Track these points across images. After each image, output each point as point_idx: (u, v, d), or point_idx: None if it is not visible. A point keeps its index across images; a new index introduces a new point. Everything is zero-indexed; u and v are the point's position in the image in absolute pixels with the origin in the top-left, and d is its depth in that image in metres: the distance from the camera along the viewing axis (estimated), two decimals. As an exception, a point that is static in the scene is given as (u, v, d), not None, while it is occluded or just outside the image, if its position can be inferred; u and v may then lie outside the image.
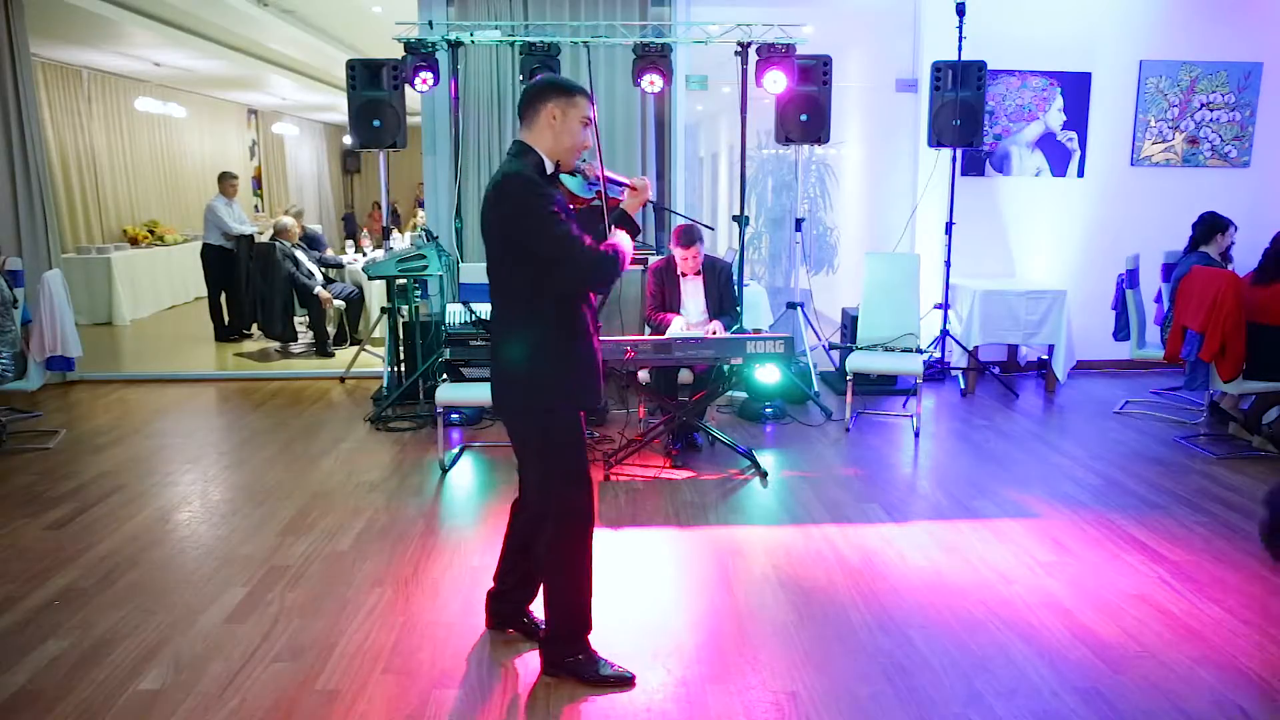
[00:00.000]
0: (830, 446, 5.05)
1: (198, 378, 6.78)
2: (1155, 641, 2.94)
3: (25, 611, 3.14)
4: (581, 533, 2.65)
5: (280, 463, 4.76)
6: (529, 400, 2.59)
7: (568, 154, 2.57)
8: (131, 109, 10.75)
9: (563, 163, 2.59)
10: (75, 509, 4.09)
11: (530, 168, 2.52)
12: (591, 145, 2.60)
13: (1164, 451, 4.95)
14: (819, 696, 2.63)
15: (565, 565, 2.66)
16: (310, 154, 16.37)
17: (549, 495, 2.64)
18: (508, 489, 4.36)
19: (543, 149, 2.55)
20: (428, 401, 5.48)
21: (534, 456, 2.67)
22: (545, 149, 2.55)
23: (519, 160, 2.53)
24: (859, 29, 6.65)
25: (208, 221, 8.22)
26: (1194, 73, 6.60)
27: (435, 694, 2.64)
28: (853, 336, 5.89)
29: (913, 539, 3.76)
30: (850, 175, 7.73)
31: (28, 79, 6.16)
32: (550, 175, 2.58)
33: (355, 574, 3.43)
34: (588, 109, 2.55)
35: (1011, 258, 6.77)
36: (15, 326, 4.96)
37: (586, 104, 2.55)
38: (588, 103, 2.56)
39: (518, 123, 2.62)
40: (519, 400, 2.62)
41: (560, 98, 2.52)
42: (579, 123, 2.54)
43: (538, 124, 2.54)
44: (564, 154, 2.57)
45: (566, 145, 2.55)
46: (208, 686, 2.68)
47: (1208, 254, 5.21)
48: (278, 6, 8.10)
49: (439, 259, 5.51)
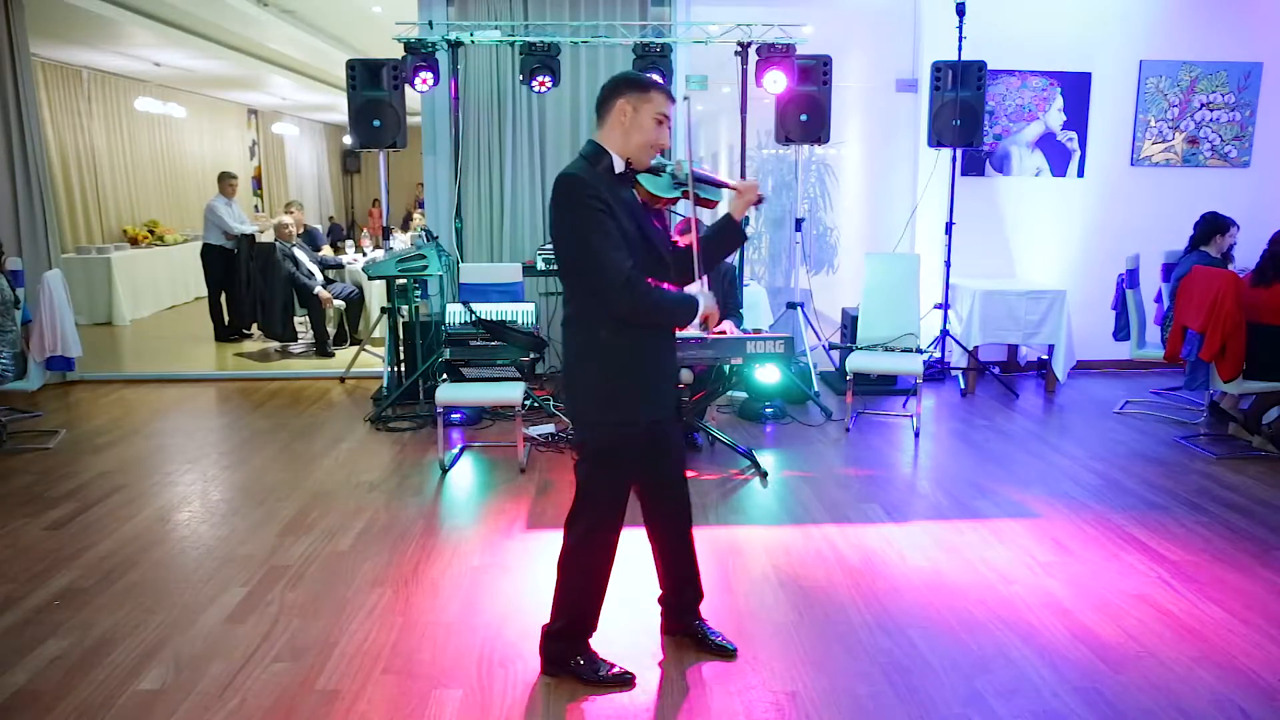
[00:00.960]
0: (830, 446, 5.05)
1: (198, 378, 6.78)
2: (1155, 641, 2.94)
3: (25, 611, 3.14)
4: (604, 541, 2.64)
5: (280, 463, 4.76)
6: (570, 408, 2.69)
7: (639, 151, 2.47)
8: (131, 109, 10.75)
9: (635, 161, 2.48)
10: (75, 509, 4.09)
11: (588, 168, 2.45)
12: (668, 144, 2.48)
13: (1164, 451, 4.95)
14: (819, 696, 2.63)
15: (583, 567, 2.66)
16: (310, 154, 16.37)
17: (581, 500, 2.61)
18: (508, 489, 4.36)
19: (613, 147, 2.48)
20: (428, 401, 5.48)
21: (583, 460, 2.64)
22: (616, 147, 2.47)
23: (581, 160, 2.49)
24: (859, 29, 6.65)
25: (208, 221, 8.22)
26: (1194, 73, 6.60)
27: (435, 694, 2.64)
28: (853, 336, 5.89)
29: (913, 539, 3.76)
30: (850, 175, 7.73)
31: (28, 79, 6.16)
32: (621, 175, 2.49)
33: (355, 574, 3.43)
34: (664, 105, 2.45)
35: (1011, 258, 6.77)
36: (16, 326, 4.96)
37: (663, 99, 2.45)
38: (664, 98, 2.45)
39: (517, 123, 2.61)
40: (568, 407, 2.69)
41: (633, 92, 2.44)
42: (652, 119, 2.44)
43: (609, 120, 2.48)
44: (635, 151, 2.47)
45: (637, 142, 2.46)
46: (208, 686, 2.68)
47: (1207, 253, 5.21)
48: (278, 6, 8.10)
49: (439, 259, 5.51)
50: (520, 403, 4.58)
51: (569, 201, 2.40)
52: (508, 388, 4.65)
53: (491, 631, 3.00)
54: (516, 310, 4.88)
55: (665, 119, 2.45)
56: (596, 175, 2.46)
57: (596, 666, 2.70)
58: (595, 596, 2.70)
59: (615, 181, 2.49)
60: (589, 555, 2.65)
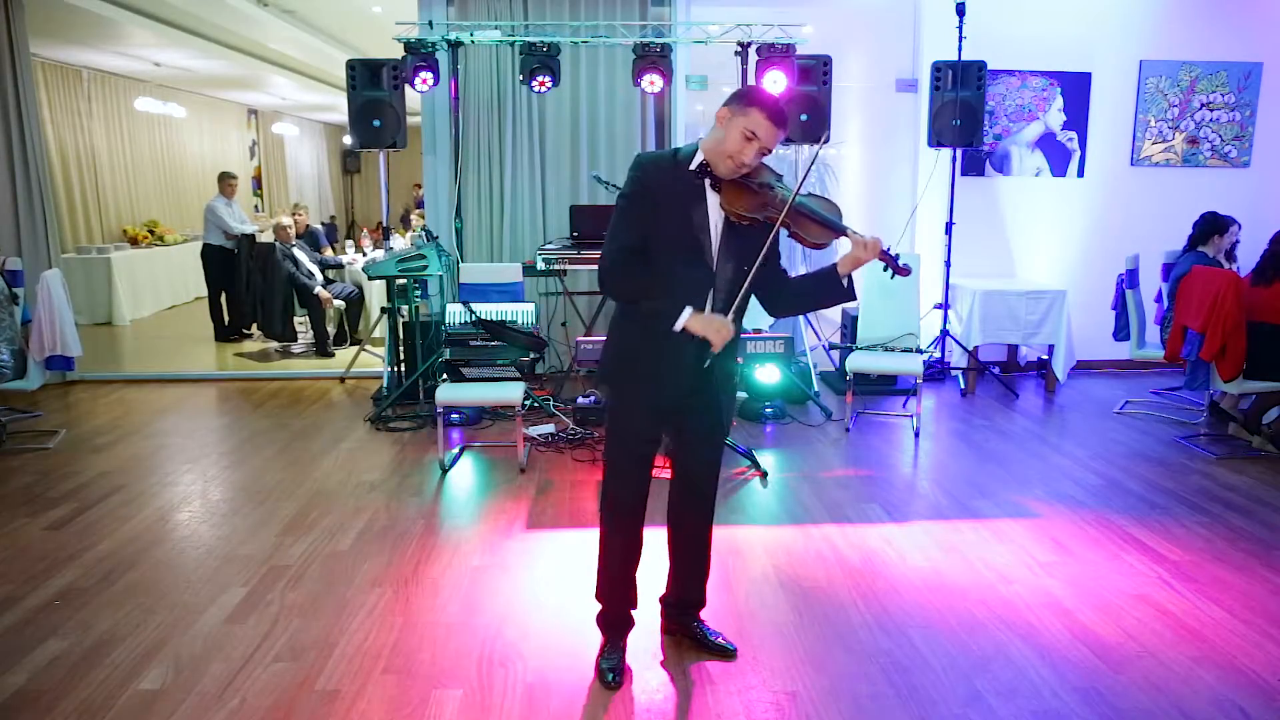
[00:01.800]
0: (830, 446, 5.05)
1: (198, 378, 6.78)
2: (1155, 641, 2.94)
3: (25, 611, 3.14)
4: (605, 520, 2.75)
5: (280, 463, 4.76)
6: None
7: (720, 158, 2.45)
8: (131, 109, 10.75)
9: (714, 166, 2.46)
10: (75, 509, 4.09)
11: (667, 155, 2.54)
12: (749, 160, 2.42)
13: (1164, 451, 4.95)
14: (819, 696, 2.63)
15: (603, 548, 2.78)
16: (310, 154, 16.37)
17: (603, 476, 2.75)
18: (508, 489, 4.36)
19: (704, 146, 2.50)
20: (428, 401, 5.48)
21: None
22: (705, 147, 2.50)
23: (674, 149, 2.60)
24: (859, 29, 6.65)
25: (208, 222, 8.21)
26: (1194, 73, 6.60)
27: (435, 694, 2.64)
28: (853, 336, 5.89)
29: (913, 539, 3.76)
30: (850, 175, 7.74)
31: (28, 79, 6.16)
32: (695, 170, 2.49)
33: (355, 574, 3.43)
34: (759, 124, 2.39)
35: (1011, 258, 6.77)
36: (15, 323, 4.96)
37: (760, 119, 2.39)
38: (763, 118, 2.39)
39: (517, 123, 2.61)
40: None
41: (737, 104, 2.44)
42: (740, 132, 2.41)
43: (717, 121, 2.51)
44: (716, 156, 2.46)
45: (720, 149, 2.44)
46: (208, 686, 2.68)
47: (1204, 254, 5.21)
48: (278, 6, 8.10)
49: (439, 259, 5.51)
50: (520, 403, 4.58)
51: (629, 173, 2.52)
52: (508, 388, 4.65)
53: (491, 631, 3.00)
54: (516, 310, 4.89)
55: (754, 137, 2.40)
56: (670, 163, 2.52)
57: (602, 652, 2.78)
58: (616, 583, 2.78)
59: (688, 175, 2.50)
60: (607, 536, 2.75)
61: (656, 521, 2.84)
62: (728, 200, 2.47)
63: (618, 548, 2.75)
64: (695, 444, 2.75)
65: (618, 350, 2.65)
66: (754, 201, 2.47)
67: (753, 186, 2.49)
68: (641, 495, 2.70)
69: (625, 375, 2.64)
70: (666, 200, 2.47)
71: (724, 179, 2.48)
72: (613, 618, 2.83)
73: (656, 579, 2.96)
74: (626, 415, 2.67)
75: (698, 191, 2.49)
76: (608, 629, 2.83)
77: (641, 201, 2.46)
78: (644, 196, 2.46)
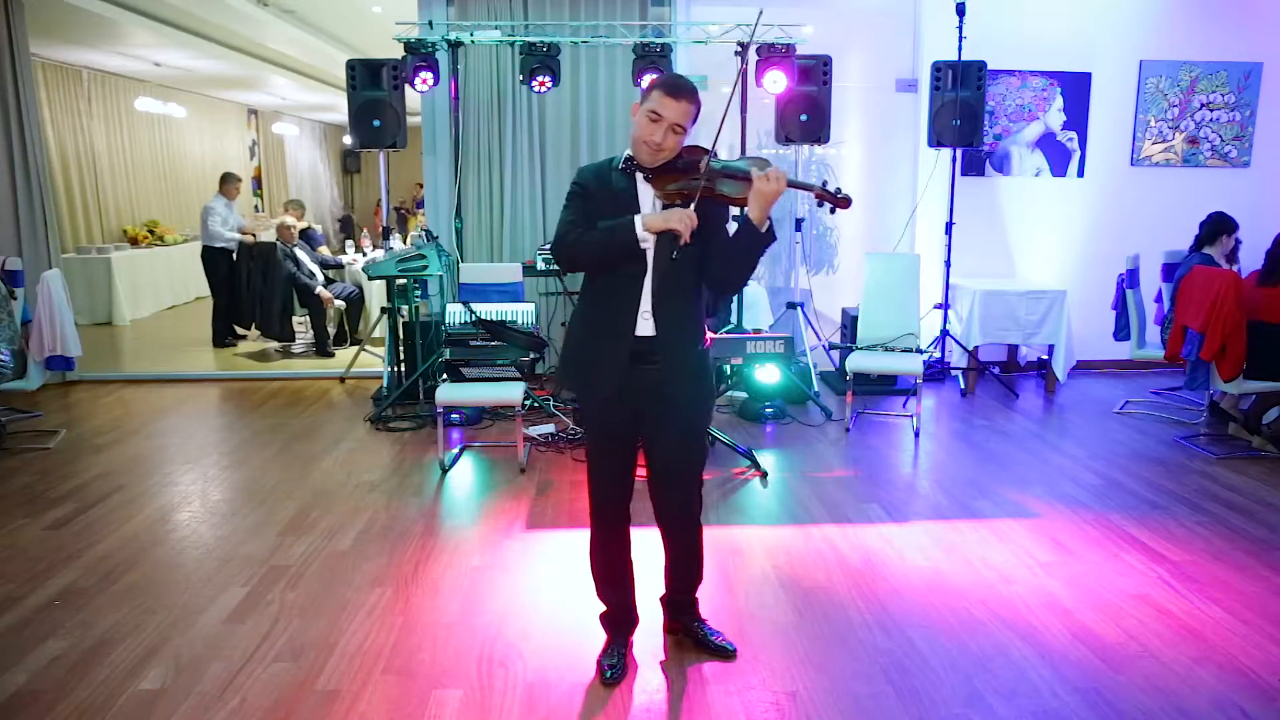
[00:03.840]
0: (830, 446, 5.05)
1: (198, 378, 6.78)
2: (1155, 641, 2.94)
3: (25, 611, 3.14)
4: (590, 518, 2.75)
5: (280, 463, 4.76)
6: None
7: (638, 147, 2.47)
8: (131, 109, 10.74)
9: (638, 157, 2.50)
10: (75, 509, 4.09)
11: (602, 163, 2.61)
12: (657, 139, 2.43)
13: (1164, 451, 4.95)
14: (819, 696, 2.63)
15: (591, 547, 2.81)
16: (310, 154, 16.37)
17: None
18: (508, 489, 4.36)
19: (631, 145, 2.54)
20: (428, 401, 5.48)
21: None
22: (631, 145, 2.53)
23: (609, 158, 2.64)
24: (859, 29, 6.64)
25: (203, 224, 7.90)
26: (1194, 73, 6.60)
27: (435, 694, 2.64)
28: (853, 336, 5.89)
29: (913, 539, 3.76)
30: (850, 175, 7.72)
31: (28, 79, 6.16)
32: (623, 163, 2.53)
33: (355, 574, 3.43)
34: (658, 102, 2.41)
35: (1011, 258, 6.77)
36: (15, 322, 4.95)
37: (659, 97, 2.42)
38: (661, 95, 2.42)
39: (518, 123, 2.61)
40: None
41: (642, 95, 2.50)
42: (645, 116, 2.44)
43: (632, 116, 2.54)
44: (636, 147, 2.49)
45: (636, 137, 2.47)
46: (208, 686, 2.68)
47: (1210, 255, 5.21)
48: (278, 6, 8.10)
49: (439, 259, 5.51)
50: (520, 403, 4.58)
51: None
52: (508, 388, 4.65)
53: (491, 631, 3.00)
54: (516, 310, 4.88)
55: (659, 117, 2.42)
56: (605, 167, 2.58)
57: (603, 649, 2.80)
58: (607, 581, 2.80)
59: (618, 173, 2.54)
60: (591, 534, 2.77)
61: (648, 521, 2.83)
62: (657, 186, 2.50)
63: (599, 545, 2.77)
64: (663, 443, 2.66)
65: (566, 350, 2.75)
66: (679, 178, 2.49)
67: (678, 166, 2.50)
68: (615, 491, 2.69)
69: (573, 371, 2.71)
70: (602, 199, 2.51)
71: (651, 168, 2.49)
72: (613, 616, 2.84)
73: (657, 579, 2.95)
74: (585, 409, 2.72)
75: (630, 186, 2.53)
76: (610, 627, 2.84)
77: (584, 200, 2.53)
78: (584, 197, 2.53)
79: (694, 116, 2.47)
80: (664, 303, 2.52)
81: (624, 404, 2.59)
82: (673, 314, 2.54)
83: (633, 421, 2.63)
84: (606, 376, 2.57)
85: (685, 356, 2.59)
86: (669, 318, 2.53)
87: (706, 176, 2.45)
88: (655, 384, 2.56)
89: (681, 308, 2.56)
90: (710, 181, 2.45)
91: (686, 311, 2.57)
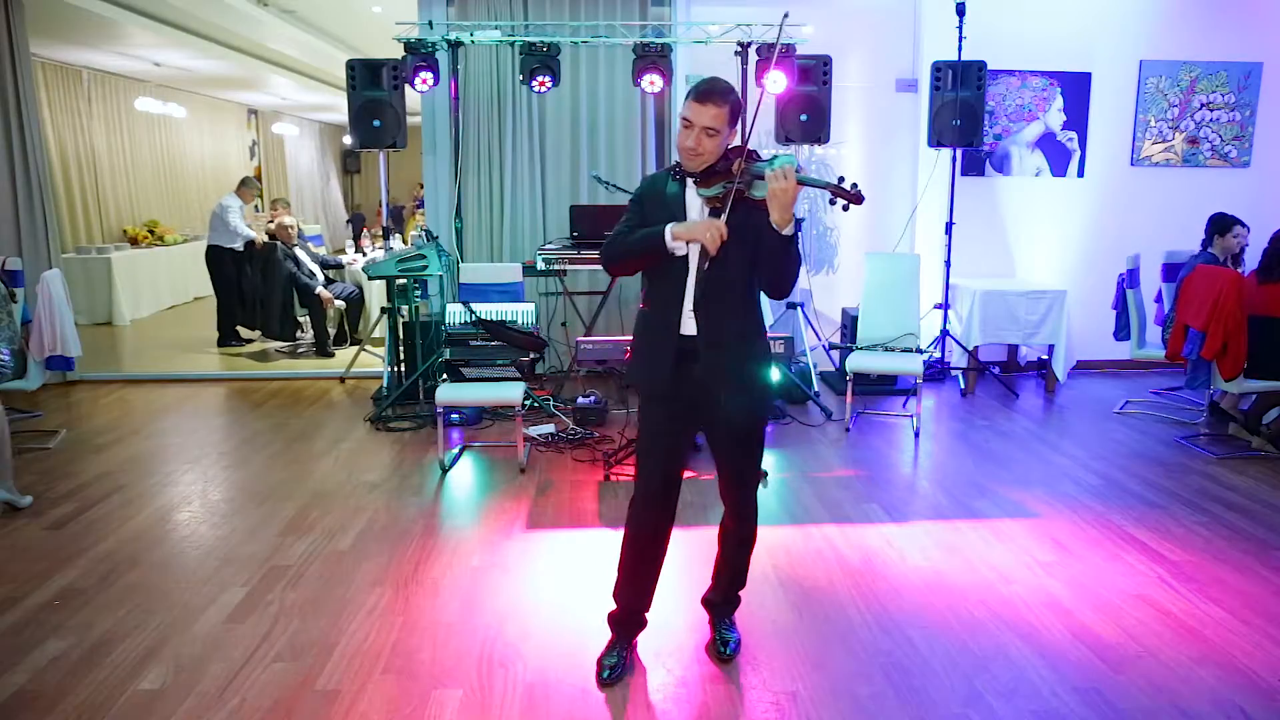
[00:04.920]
0: (830, 446, 5.05)
1: (198, 378, 6.78)
2: (1155, 641, 2.94)
3: (25, 611, 3.14)
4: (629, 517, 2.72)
5: (280, 463, 4.76)
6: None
7: (681, 154, 2.53)
8: (131, 109, 10.74)
9: (684, 164, 2.55)
10: (75, 509, 4.09)
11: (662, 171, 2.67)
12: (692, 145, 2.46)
13: (1164, 451, 4.95)
14: (819, 696, 2.63)
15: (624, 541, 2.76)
16: (310, 154, 16.37)
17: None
18: (508, 489, 4.36)
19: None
20: (428, 401, 5.48)
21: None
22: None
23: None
24: (859, 29, 6.64)
25: (217, 219, 7.86)
26: (1194, 73, 6.60)
27: (435, 694, 2.64)
28: (853, 336, 5.89)
29: (913, 539, 3.76)
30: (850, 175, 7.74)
31: (28, 79, 6.16)
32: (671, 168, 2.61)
33: (355, 574, 3.43)
34: (688, 109, 2.47)
35: (1011, 258, 6.77)
36: (15, 322, 4.95)
37: (689, 103, 2.47)
38: (691, 102, 2.46)
39: (518, 123, 2.62)
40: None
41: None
42: (680, 122, 2.51)
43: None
44: (680, 154, 2.54)
45: (678, 146, 2.54)
46: (208, 686, 2.68)
47: (1214, 254, 5.21)
48: (278, 6, 8.10)
49: (439, 259, 5.51)
50: (520, 403, 4.58)
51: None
52: (508, 388, 4.65)
53: (491, 631, 3.00)
54: (516, 310, 4.89)
55: (689, 124, 2.46)
56: (658, 176, 2.67)
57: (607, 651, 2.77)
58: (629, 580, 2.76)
59: (672, 180, 2.61)
60: (625, 531, 2.74)
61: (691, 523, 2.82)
62: (703, 188, 2.53)
63: (630, 543, 2.74)
64: (716, 441, 2.73)
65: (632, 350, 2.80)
66: (719, 180, 2.50)
67: (717, 169, 2.52)
68: (656, 492, 2.66)
69: (631, 364, 2.79)
70: (652, 206, 2.60)
71: (696, 173, 2.53)
72: (623, 617, 2.81)
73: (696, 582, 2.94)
74: (641, 405, 2.75)
75: (680, 191, 2.58)
76: (616, 627, 2.82)
77: (638, 207, 2.64)
78: (638, 203, 2.65)
79: (728, 119, 2.48)
80: (707, 303, 2.55)
81: (676, 400, 2.63)
82: (716, 314, 2.56)
83: (684, 419, 2.67)
84: (656, 371, 2.62)
85: (731, 357, 2.58)
86: (711, 318, 2.56)
87: (740, 179, 2.47)
88: (702, 383, 2.59)
89: (726, 309, 2.56)
90: (744, 184, 2.47)
91: (732, 312, 2.57)
